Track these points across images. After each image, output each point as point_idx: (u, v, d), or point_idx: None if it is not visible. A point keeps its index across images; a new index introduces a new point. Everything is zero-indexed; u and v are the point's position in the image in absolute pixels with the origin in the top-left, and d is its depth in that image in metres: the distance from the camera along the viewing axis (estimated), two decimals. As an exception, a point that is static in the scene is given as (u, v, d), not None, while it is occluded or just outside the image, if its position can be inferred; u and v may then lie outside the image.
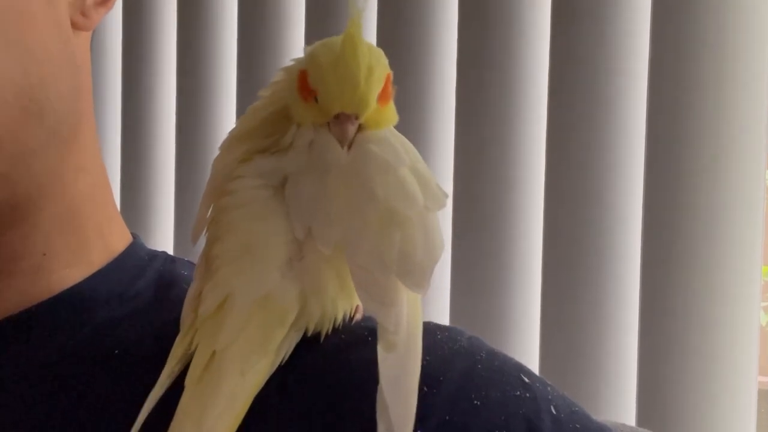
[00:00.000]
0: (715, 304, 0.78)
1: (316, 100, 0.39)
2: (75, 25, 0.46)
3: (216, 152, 0.44)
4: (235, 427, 0.39)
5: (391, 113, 0.41)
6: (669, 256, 0.80)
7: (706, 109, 0.79)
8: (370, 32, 1.03)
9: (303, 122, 0.40)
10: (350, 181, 0.39)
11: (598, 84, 0.86)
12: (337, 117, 0.39)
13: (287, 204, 0.41)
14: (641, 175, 0.83)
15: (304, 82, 0.40)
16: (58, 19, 0.45)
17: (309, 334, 0.42)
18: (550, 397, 0.42)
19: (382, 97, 0.39)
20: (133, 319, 0.46)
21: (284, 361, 0.41)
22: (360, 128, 0.40)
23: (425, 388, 0.40)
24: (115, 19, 1.30)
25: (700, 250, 0.79)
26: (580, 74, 0.86)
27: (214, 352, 0.40)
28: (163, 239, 1.23)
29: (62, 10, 0.46)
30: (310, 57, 0.40)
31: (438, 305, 0.97)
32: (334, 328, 0.42)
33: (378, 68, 0.39)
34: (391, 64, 0.40)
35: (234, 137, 0.43)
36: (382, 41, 1.01)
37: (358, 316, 0.43)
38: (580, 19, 0.86)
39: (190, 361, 0.41)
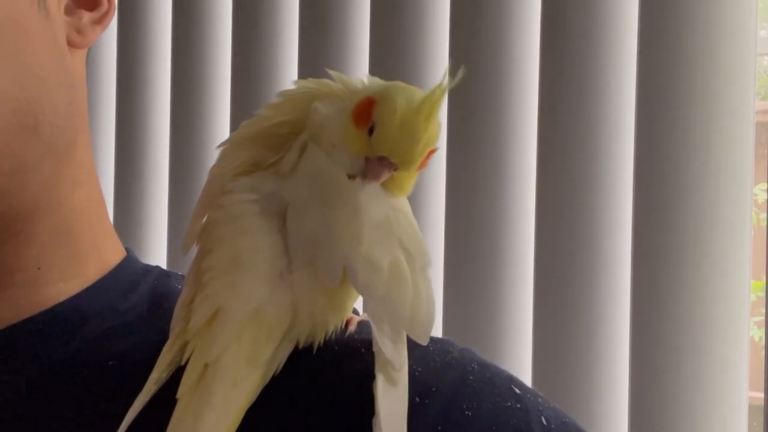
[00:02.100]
0: (705, 319, 0.79)
1: (369, 132, 0.39)
2: (71, 43, 0.47)
3: (209, 167, 0.44)
4: None
5: (412, 183, 0.42)
6: (658, 271, 0.80)
7: (693, 125, 0.79)
8: (364, 37, 1.04)
9: (342, 143, 0.40)
10: (362, 217, 0.40)
11: (587, 98, 0.87)
12: (381, 159, 0.39)
13: (288, 234, 0.41)
14: (630, 191, 0.84)
15: (367, 109, 0.40)
16: (54, 37, 0.46)
17: (300, 346, 0.42)
18: (540, 408, 0.42)
19: (419, 165, 0.40)
20: (128, 331, 0.46)
21: (277, 373, 0.41)
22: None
23: (417, 399, 0.41)
24: (110, 35, 1.31)
25: (689, 265, 0.79)
26: (569, 92, 0.87)
27: (206, 365, 0.40)
28: (157, 253, 1.23)
29: (58, 28, 0.46)
30: (386, 93, 0.40)
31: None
32: (326, 340, 0.42)
33: (433, 141, 0.40)
34: (383, 74, 0.41)
35: (234, 143, 0.44)
36: (374, 50, 1.02)
37: (351, 329, 0.43)
38: (570, 33, 0.87)
39: (177, 368, 0.41)
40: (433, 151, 0.40)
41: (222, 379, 0.40)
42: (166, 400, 0.41)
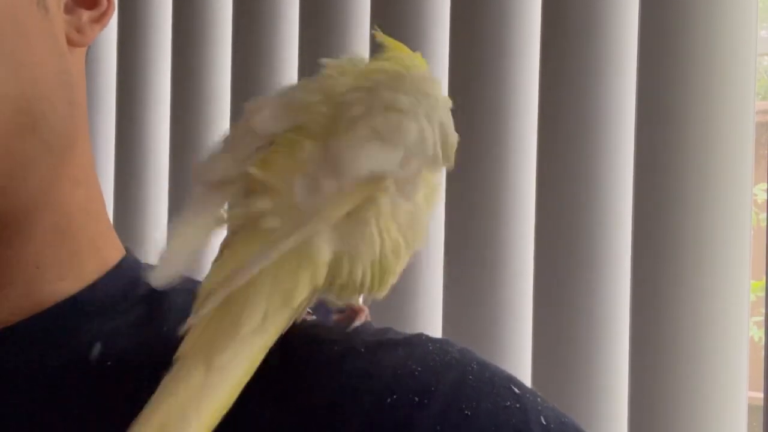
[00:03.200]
0: (704, 319, 0.79)
1: None
2: (70, 42, 0.47)
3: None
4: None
5: None
6: (658, 271, 0.80)
7: (693, 126, 0.79)
8: (363, 39, 1.04)
9: None
10: None
11: (587, 97, 0.87)
12: None
13: None
14: (630, 191, 0.84)
15: None
16: (53, 35, 0.46)
17: (333, 298, 0.41)
18: (540, 408, 0.42)
19: None
20: (126, 331, 0.46)
21: (278, 371, 0.41)
22: None
23: (416, 399, 0.41)
24: (110, 34, 1.31)
25: (689, 265, 0.79)
26: (569, 91, 0.87)
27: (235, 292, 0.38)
28: (156, 252, 1.23)
29: (58, 27, 0.46)
30: None
31: (430, 317, 0.98)
32: (329, 339, 0.42)
33: None
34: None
35: None
36: (374, 50, 1.02)
37: (357, 323, 0.43)
38: (570, 32, 0.87)
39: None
40: None
41: (255, 308, 0.38)
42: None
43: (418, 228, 0.42)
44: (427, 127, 0.41)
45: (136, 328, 0.46)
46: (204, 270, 0.41)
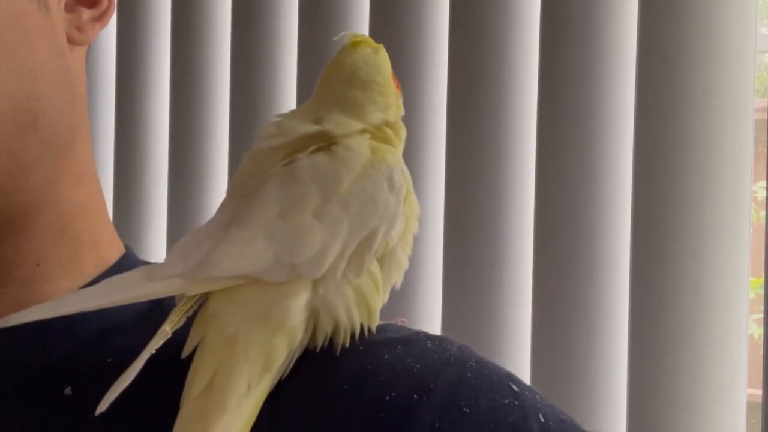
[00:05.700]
0: (704, 317, 0.79)
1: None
2: (71, 40, 0.47)
3: (208, 165, 0.44)
4: None
5: None
6: (657, 268, 0.80)
7: (693, 123, 0.79)
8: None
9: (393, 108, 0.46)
10: None
11: (586, 94, 0.87)
12: None
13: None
14: (629, 189, 0.84)
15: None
16: (53, 34, 0.46)
17: (318, 349, 0.42)
18: (538, 405, 0.42)
19: None
20: (126, 328, 0.46)
21: (285, 375, 0.41)
22: None
23: (415, 396, 0.41)
24: (109, 33, 1.31)
25: (689, 263, 0.79)
26: (569, 86, 0.87)
27: (218, 369, 0.40)
28: (156, 252, 1.23)
29: (58, 26, 0.46)
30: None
31: (430, 314, 0.98)
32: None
33: None
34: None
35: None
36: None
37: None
38: (570, 28, 0.87)
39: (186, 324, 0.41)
40: None
41: (237, 384, 0.40)
42: (164, 401, 0.41)
43: (394, 262, 0.43)
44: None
45: (135, 325, 0.46)
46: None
